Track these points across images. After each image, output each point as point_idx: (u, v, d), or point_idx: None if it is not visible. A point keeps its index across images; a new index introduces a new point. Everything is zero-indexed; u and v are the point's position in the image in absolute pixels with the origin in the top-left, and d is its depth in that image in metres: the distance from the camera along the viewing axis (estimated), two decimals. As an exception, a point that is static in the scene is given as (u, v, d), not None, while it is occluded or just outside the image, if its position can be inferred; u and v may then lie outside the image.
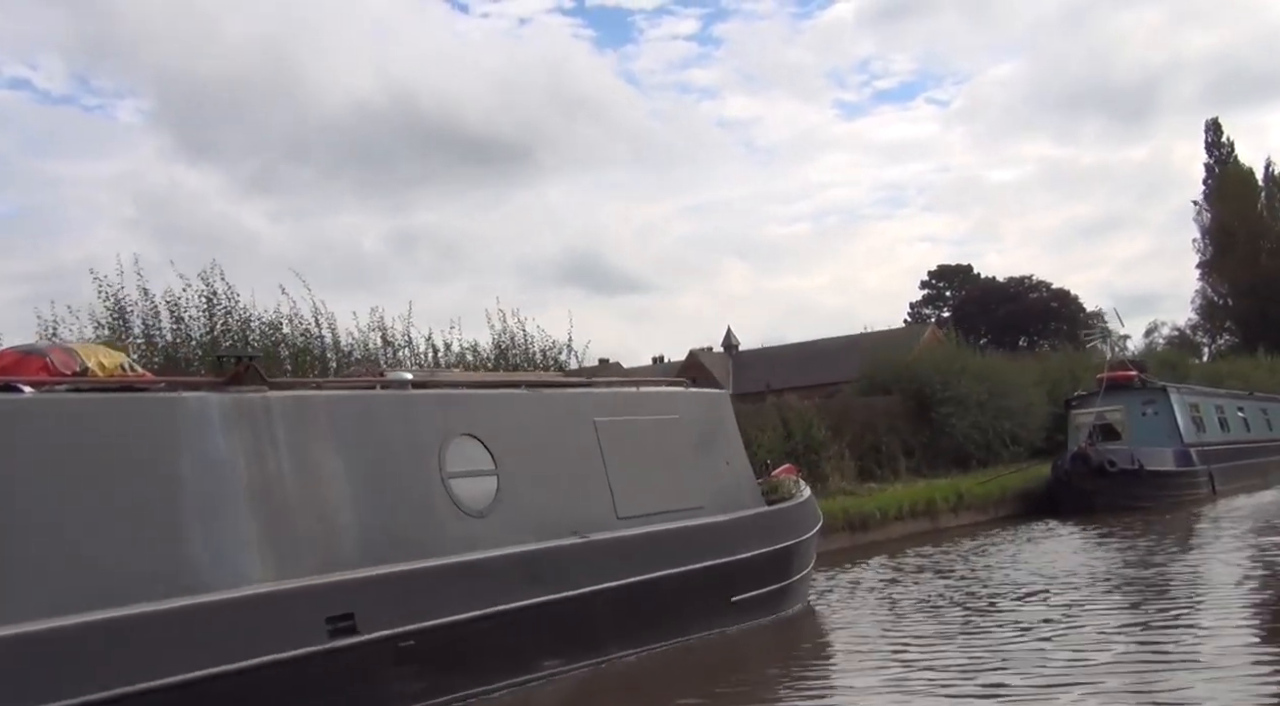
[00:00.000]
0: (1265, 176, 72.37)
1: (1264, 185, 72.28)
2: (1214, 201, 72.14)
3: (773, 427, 24.39)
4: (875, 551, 17.97)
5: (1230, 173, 72.26)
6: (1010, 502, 23.44)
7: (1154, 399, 25.04)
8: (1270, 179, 72.47)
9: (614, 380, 13.07)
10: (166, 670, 6.66)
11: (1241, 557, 14.16)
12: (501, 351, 19.87)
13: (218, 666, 6.87)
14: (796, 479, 13.95)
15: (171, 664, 6.71)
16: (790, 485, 13.28)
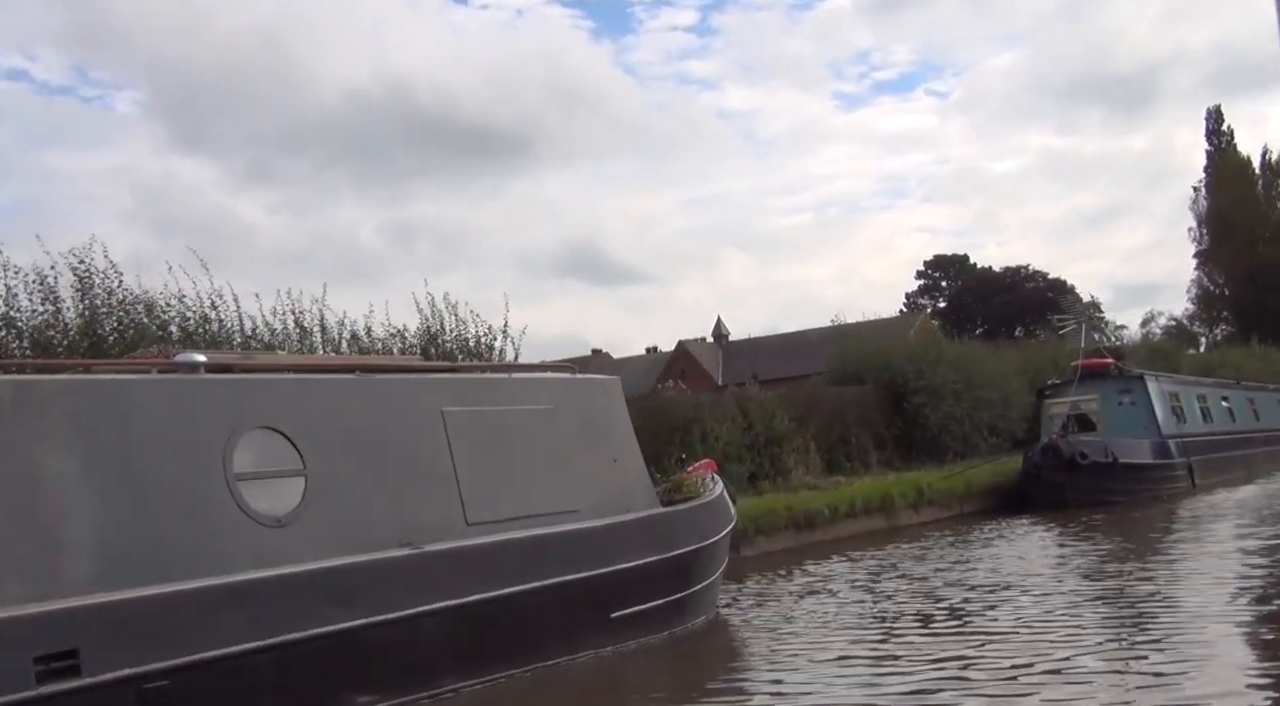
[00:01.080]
0: (1262, 164, 70.55)
1: (1261, 173, 70.47)
2: (1211, 190, 70.38)
3: (731, 419, 22.86)
4: (821, 552, 16.43)
5: (1227, 161, 70.38)
6: (978, 498, 21.86)
7: (1130, 388, 23.37)
8: (1267, 167, 70.61)
9: (482, 365, 11.43)
10: None
11: (1209, 562, 12.58)
12: (431, 337, 18.36)
13: None
14: (711, 476, 12.39)
15: None
16: (697, 483, 11.73)
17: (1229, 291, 70.41)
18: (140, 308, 14.20)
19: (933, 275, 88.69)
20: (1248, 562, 12.24)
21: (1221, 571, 11.78)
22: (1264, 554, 12.86)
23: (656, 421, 21.62)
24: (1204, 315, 73.04)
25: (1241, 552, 13.12)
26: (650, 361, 64.74)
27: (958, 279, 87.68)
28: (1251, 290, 67.54)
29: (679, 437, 21.45)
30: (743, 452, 22.85)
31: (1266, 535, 14.52)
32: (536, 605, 8.75)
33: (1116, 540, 15.52)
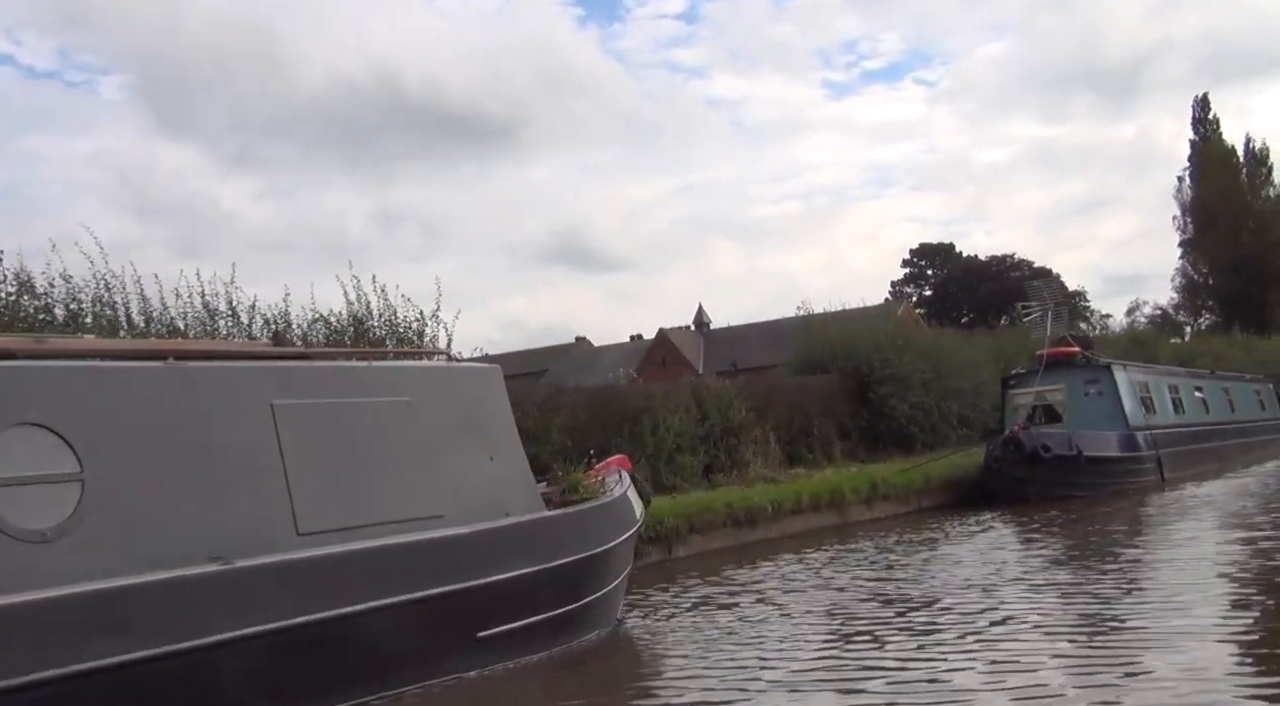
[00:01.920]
0: (1246, 153, 69.37)
1: (1245, 162, 69.29)
2: (1196, 179, 69.23)
3: (685, 409, 21.69)
4: (762, 551, 15.28)
5: (1212, 150, 69.19)
6: (937, 492, 20.69)
7: (1097, 378, 22.14)
8: (1251, 156, 69.43)
9: (334, 352, 10.14)
10: None
11: (1161, 573, 11.41)
12: (358, 322, 17.18)
13: None
14: (619, 474, 11.21)
15: None
16: (596, 483, 10.55)
17: (1213, 281, 69.35)
18: (13, 287, 13.00)
19: (918, 264, 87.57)
20: (1201, 571, 11.06)
21: (1173, 581, 10.62)
22: (1222, 559, 11.69)
23: (604, 413, 20.51)
24: (1188, 305, 71.98)
25: (1198, 558, 11.94)
26: (631, 350, 63.62)
27: (943, 267, 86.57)
28: (1235, 279, 66.52)
29: (628, 429, 20.33)
30: (696, 444, 21.72)
31: (1225, 537, 13.36)
32: (381, 626, 7.58)
33: (1067, 543, 14.35)
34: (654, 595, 12.04)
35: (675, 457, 20.98)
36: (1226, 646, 7.76)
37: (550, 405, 19.44)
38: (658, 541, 14.52)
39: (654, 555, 14.49)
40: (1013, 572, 11.74)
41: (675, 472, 20.76)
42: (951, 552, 13.71)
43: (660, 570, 14.18)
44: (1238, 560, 11.44)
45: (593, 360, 62.75)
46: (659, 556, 14.58)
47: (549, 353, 64.29)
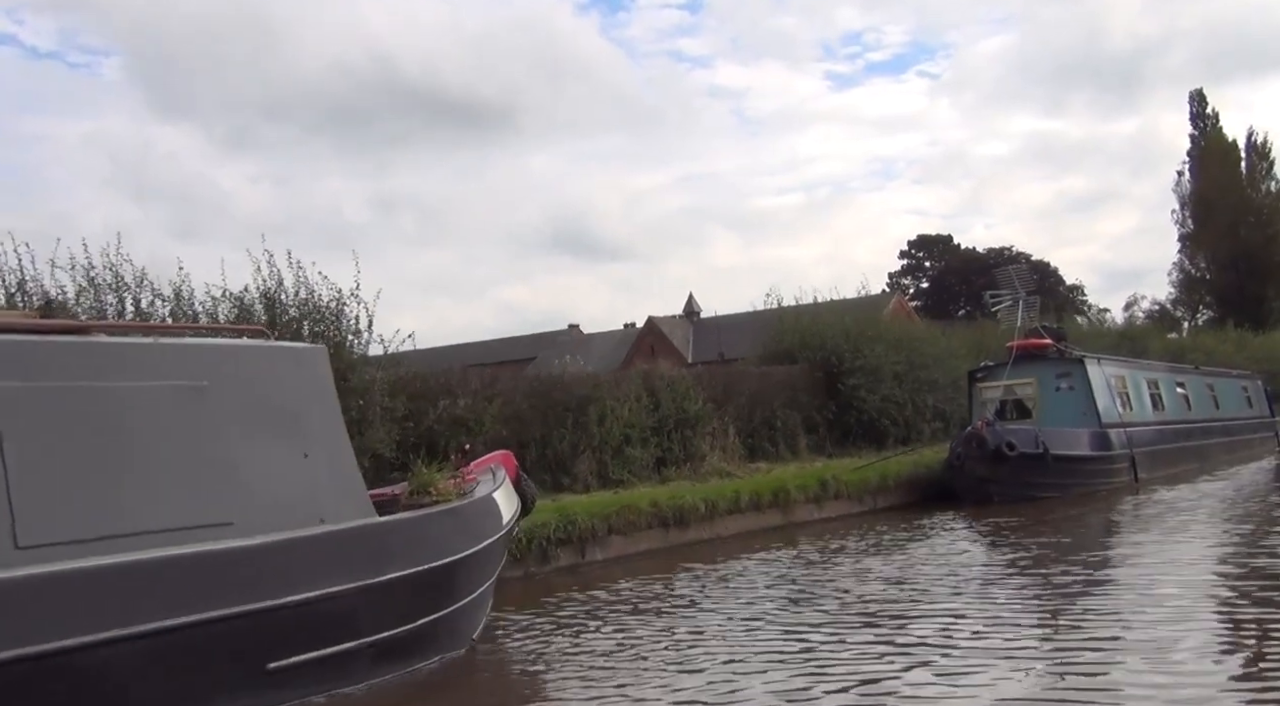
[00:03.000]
0: (1247, 147, 67.54)
1: (1246, 156, 67.47)
2: (1195, 173, 67.46)
3: (635, 398, 20.24)
4: (688, 555, 13.85)
5: (1211, 143, 67.37)
6: (897, 490, 19.19)
7: (1069, 371, 20.56)
8: (1252, 149, 67.59)
9: (112, 325, 8.59)
10: None
11: (1098, 597, 9.94)
12: (269, 300, 15.76)
13: None
14: (494, 471, 9.77)
15: None
16: (459, 484, 9.11)
17: (1210, 276, 67.65)
18: None
19: (916, 255, 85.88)
20: (1148, 597, 9.59)
21: (1107, 607, 9.16)
22: (1173, 579, 10.20)
23: (546, 402, 19.08)
24: (1186, 300, 70.28)
25: (1146, 578, 10.46)
26: (620, 337, 62.13)
27: (941, 259, 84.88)
28: (1233, 275, 64.88)
29: (572, 419, 18.92)
30: (648, 436, 20.28)
31: (1180, 553, 11.86)
32: (129, 660, 6.16)
33: (1011, 554, 12.85)
34: (545, 607, 10.62)
35: (624, 450, 19.57)
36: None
37: (486, 392, 17.98)
38: (569, 544, 13.07)
39: (564, 559, 13.05)
40: (931, 594, 10.22)
41: (623, 466, 19.36)
42: (874, 565, 12.16)
43: (570, 575, 12.77)
44: (1189, 580, 9.95)
45: (581, 348, 61.28)
46: (570, 560, 13.14)
47: (537, 339, 62.91)
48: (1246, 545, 12.03)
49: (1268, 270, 63.58)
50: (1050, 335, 21.40)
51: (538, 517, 12.94)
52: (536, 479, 18.69)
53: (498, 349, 59.31)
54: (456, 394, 17.66)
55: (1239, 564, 10.69)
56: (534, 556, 12.62)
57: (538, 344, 61.61)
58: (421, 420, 16.82)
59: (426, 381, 17.54)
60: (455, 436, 17.29)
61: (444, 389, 17.60)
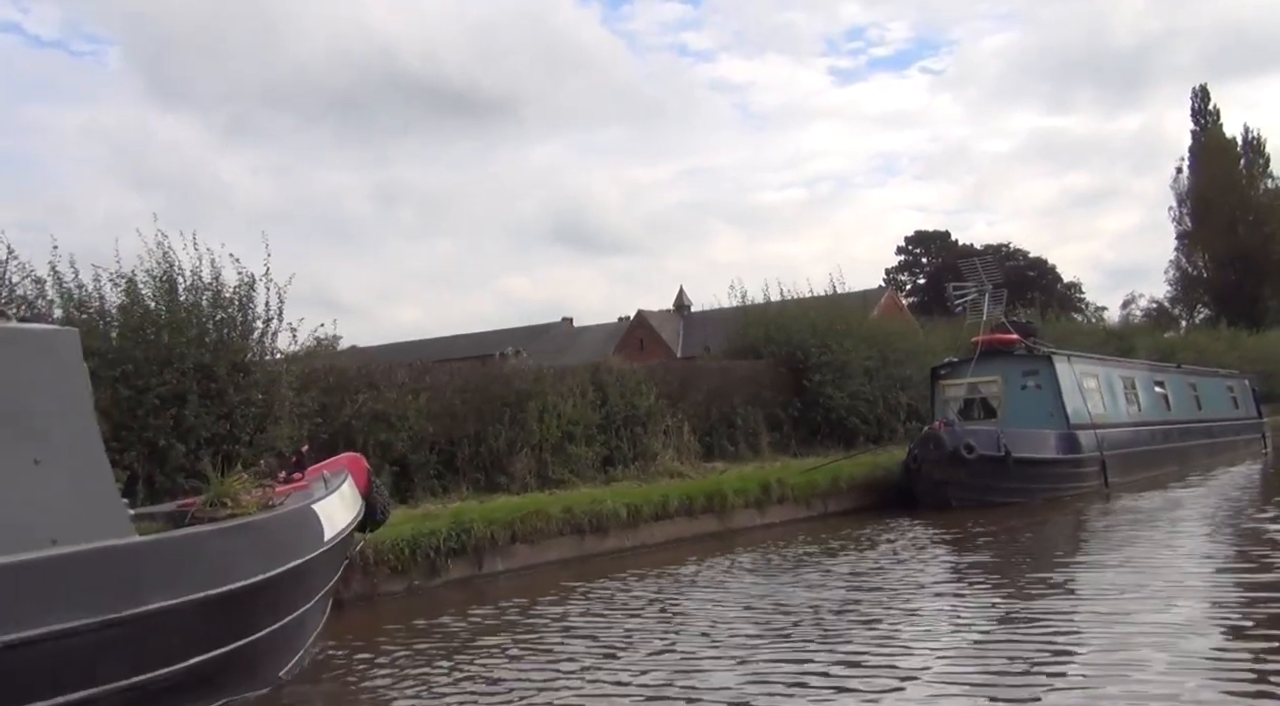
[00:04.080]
0: (1245, 144, 65.86)
1: (1243, 153, 65.79)
2: (1194, 170, 65.82)
3: (581, 394, 18.88)
4: (602, 568, 12.47)
5: (1211, 141, 65.69)
6: (851, 494, 17.76)
7: (1036, 369, 19.06)
8: (1250, 147, 65.91)
9: None
10: None
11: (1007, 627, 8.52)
12: (169, 285, 14.36)
13: None
14: (323, 480, 8.40)
15: None
16: (263, 494, 7.73)
17: (1207, 274, 66.05)
18: None
19: (913, 251, 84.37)
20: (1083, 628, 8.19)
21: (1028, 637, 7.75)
22: (1112, 607, 8.79)
23: (482, 396, 17.71)
24: (1184, 298, 68.66)
25: (1088, 606, 9.05)
26: (612, 330, 60.77)
27: (938, 255, 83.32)
28: (1230, 274, 63.32)
29: (510, 415, 17.55)
30: (594, 433, 18.91)
31: (1133, 573, 10.44)
32: None
33: (945, 569, 11.45)
34: (411, 631, 9.26)
35: (566, 448, 18.22)
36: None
37: (412, 386, 16.61)
38: (463, 554, 11.70)
39: (456, 571, 11.68)
40: (825, 623, 8.81)
41: (565, 465, 18.02)
42: (787, 581, 10.75)
43: (462, 590, 11.43)
44: (1128, 611, 8.54)
45: (571, 340, 60.07)
46: (465, 572, 11.77)
47: (528, 332, 61.60)
48: (1210, 566, 10.61)
49: (1264, 269, 62.03)
50: (1018, 330, 19.91)
51: (426, 525, 11.62)
52: (470, 478, 17.43)
53: (486, 341, 58.06)
54: (379, 388, 16.32)
55: (1194, 591, 9.26)
56: (420, 568, 11.26)
57: (528, 336, 60.33)
58: (335, 416, 15.48)
59: (344, 374, 16.21)
60: (376, 433, 16.00)
61: (365, 382, 16.26)
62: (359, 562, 10.22)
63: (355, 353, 49.71)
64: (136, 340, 13.30)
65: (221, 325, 14.40)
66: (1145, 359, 28.14)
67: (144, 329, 13.51)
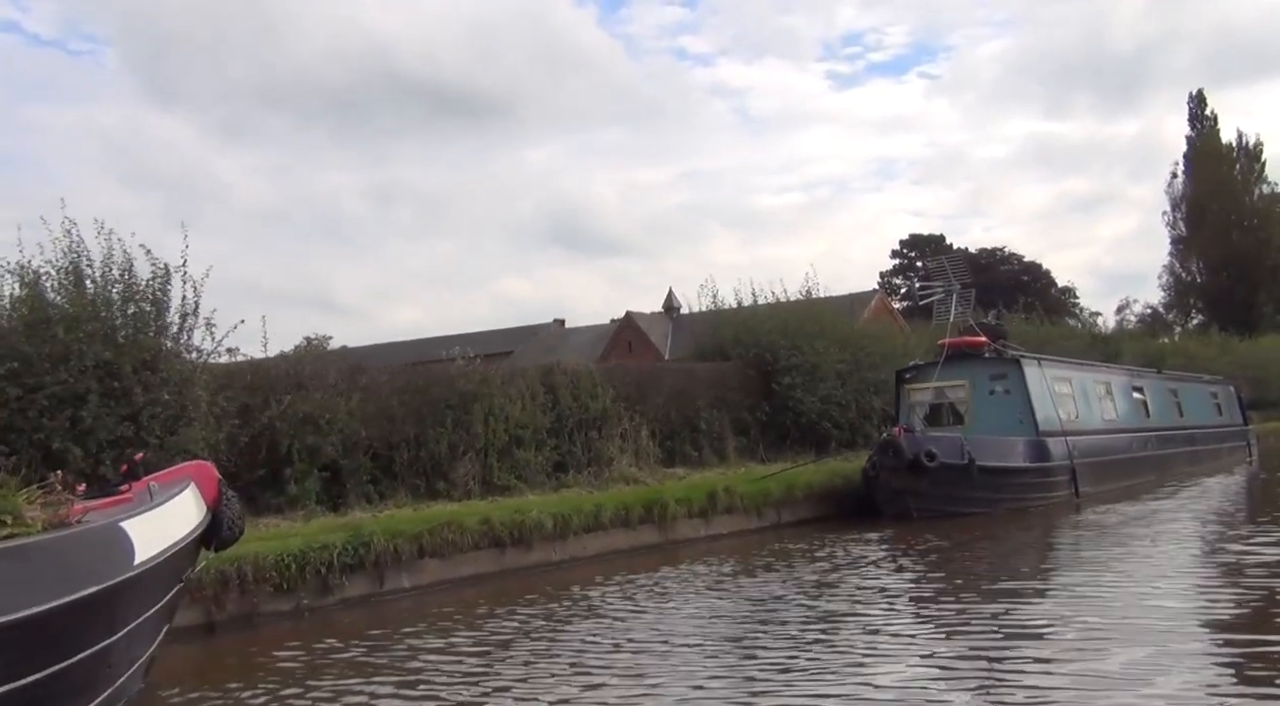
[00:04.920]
0: (1240, 149, 64.67)
1: (1239, 158, 64.59)
2: (1189, 175, 64.65)
3: (530, 396, 17.83)
4: (526, 584, 11.44)
5: (1206, 146, 64.50)
6: (807, 503, 16.69)
7: (1005, 373, 17.94)
8: (1246, 152, 64.70)
9: None
10: None
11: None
12: (75, 277, 13.33)
13: None
14: (150, 491, 7.32)
15: None
16: (54, 509, 6.65)
17: (1201, 279, 64.89)
18: None
19: (908, 255, 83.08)
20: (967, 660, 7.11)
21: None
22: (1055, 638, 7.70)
23: (422, 398, 16.66)
24: (1178, 304, 67.45)
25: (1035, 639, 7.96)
26: (601, 332, 59.61)
27: (967, 265, 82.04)
28: (1224, 279, 62.17)
29: (452, 418, 16.51)
30: (544, 437, 17.86)
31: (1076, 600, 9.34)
32: None
33: (895, 583, 10.36)
34: (272, 664, 8.21)
35: (512, 452, 17.17)
36: None
37: (342, 387, 15.56)
38: (361, 570, 10.63)
39: (354, 589, 10.62)
40: (721, 656, 7.74)
41: (511, 470, 16.97)
42: (684, 617, 9.57)
43: (359, 609, 10.40)
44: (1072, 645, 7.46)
45: (560, 342, 58.96)
46: (364, 589, 10.71)
47: (518, 333, 60.56)
48: (1165, 586, 9.52)
49: (1259, 275, 60.88)
50: (986, 332, 18.79)
51: (320, 539, 10.56)
52: (408, 484, 16.36)
53: (475, 342, 56.97)
54: (307, 388, 15.27)
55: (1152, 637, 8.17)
56: (310, 586, 10.19)
57: (518, 337, 59.28)
58: (255, 418, 14.43)
59: (269, 373, 15.16)
60: (302, 436, 14.97)
61: (292, 382, 15.21)
62: (221, 583, 9.18)
63: (345, 353, 48.64)
64: (29, 335, 12.28)
65: (134, 320, 13.40)
66: (1131, 364, 27.05)
67: (40, 324, 12.50)
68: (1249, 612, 8.12)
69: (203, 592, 9.23)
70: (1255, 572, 9.67)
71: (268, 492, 14.46)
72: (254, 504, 14.24)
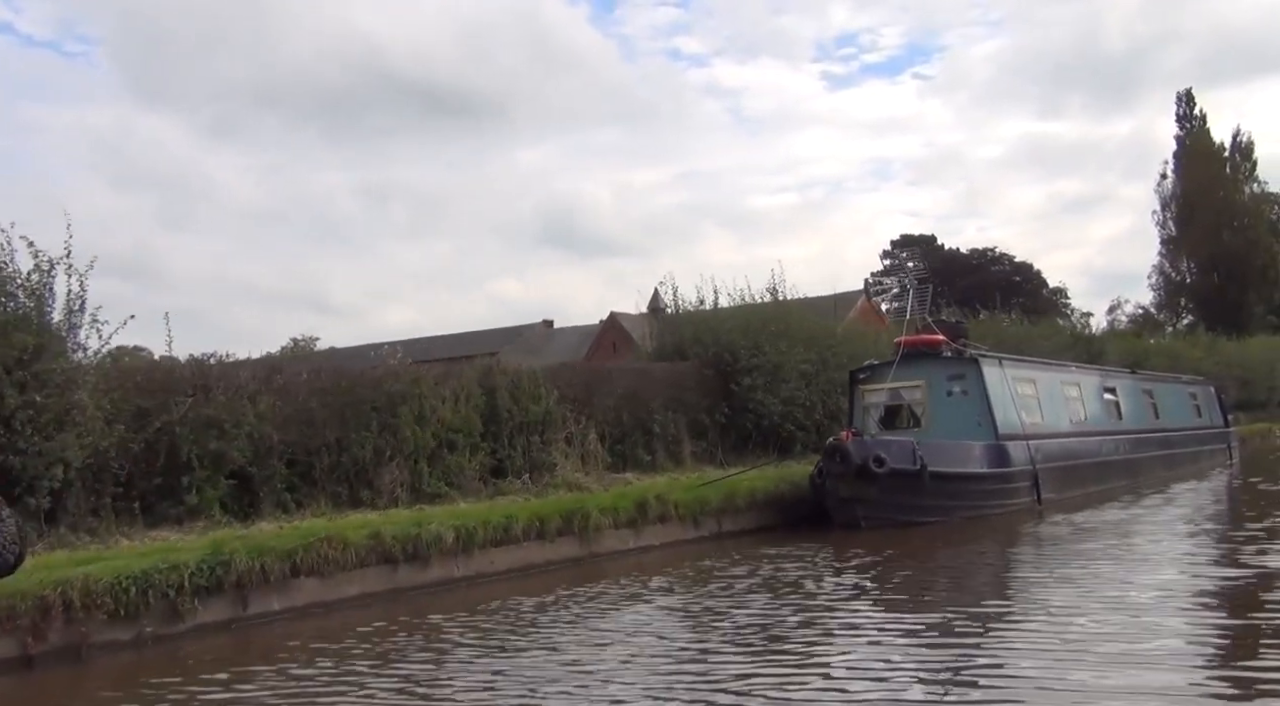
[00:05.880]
0: (1233, 147, 63.35)
1: (1230, 157, 63.24)
2: (1179, 174, 63.34)
3: (464, 398, 16.61)
4: (408, 606, 10.23)
5: (1195, 145, 63.15)
6: (751, 511, 15.43)
7: (962, 373, 16.63)
8: (1237, 150, 63.37)
9: None
10: None
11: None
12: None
13: None
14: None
15: None
16: None
17: (1191, 279, 63.60)
18: None
19: (899, 256, 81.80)
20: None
21: None
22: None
23: (344, 400, 15.42)
24: (1169, 304, 66.14)
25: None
26: (586, 332, 58.49)
27: (924, 260, 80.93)
28: (1214, 279, 60.88)
29: (378, 421, 15.30)
30: (479, 441, 16.63)
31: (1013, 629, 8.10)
32: None
33: (800, 607, 9.11)
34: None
35: (443, 457, 15.96)
36: None
37: (250, 389, 14.33)
38: (220, 592, 9.41)
39: (211, 613, 9.38)
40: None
41: (443, 476, 15.77)
42: (538, 660, 8.37)
43: (218, 636, 9.17)
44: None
45: (546, 342, 57.87)
46: (222, 615, 9.47)
47: (503, 333, 59.42)
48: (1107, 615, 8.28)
49: (1249, 275, 59.60)
50: (944, 330, 17.50)
51: (169, 557, 9.34)
52: (329, 492, 15.15)
53: (462, 343, 55.82)
54: (211, 389, 14.04)
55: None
56: (156, 612, 8.97)
57: (504, 338, 58.13)
58: (148, 422, 13.20)
59: (169, 374, 13.94)
60: (205, 441, 13.75)
61: (196, 383, 13.98)
62: (40, 610, 7.96)
63: (332, 353, 47.27)
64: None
65: (10, 316, 12.22)
66: (1113, 364, 25.76)
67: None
68: (1196, 651, 6.89)
69: (15, 622, 8.02)
70: (1195, 604, 8.43)
71: (165, 502, 13.25)
72: (150, 514, 13.10)
